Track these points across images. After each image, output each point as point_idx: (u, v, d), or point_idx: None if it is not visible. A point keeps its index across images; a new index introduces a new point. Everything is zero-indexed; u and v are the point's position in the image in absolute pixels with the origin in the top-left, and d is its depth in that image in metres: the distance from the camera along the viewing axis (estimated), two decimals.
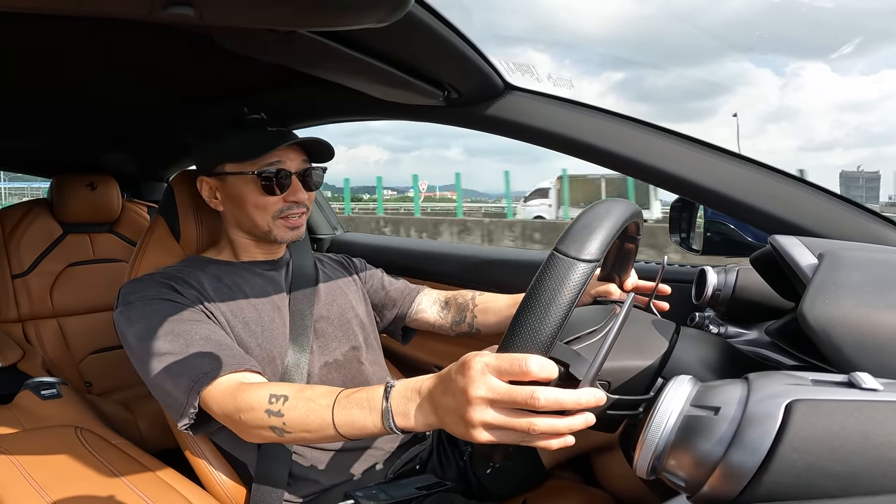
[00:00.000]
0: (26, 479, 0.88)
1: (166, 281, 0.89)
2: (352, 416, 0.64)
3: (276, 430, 0.69)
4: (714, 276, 0.82)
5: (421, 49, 0.79)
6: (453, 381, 0.54)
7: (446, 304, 1.14)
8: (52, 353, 1.73)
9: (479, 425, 0.52)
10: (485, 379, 0.51)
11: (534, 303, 0.51)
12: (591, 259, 0.52)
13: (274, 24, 0.63)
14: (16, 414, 1.17)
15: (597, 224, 0.55)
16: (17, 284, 1.73)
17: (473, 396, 0.52)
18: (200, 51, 1.01)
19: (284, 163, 0.94)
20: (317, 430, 0.67)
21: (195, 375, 0.76)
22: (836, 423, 0.38)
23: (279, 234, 0.97)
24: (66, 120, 1.53)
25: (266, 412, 0.69)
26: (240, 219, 0.98)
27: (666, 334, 0.64)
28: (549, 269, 0.52)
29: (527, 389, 0.50)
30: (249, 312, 0.93)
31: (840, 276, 0.54)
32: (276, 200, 0.94)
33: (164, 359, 0.79)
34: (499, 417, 0.51)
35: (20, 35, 0.89)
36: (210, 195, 0.99)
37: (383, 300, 1.15)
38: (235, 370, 0.77)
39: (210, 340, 0.81)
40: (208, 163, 0.98)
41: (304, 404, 0.68)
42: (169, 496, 0.87)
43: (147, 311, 0.84)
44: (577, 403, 0.50)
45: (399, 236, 10.09)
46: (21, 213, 1.79)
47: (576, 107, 0.88)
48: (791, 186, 0.77)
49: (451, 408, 0.54)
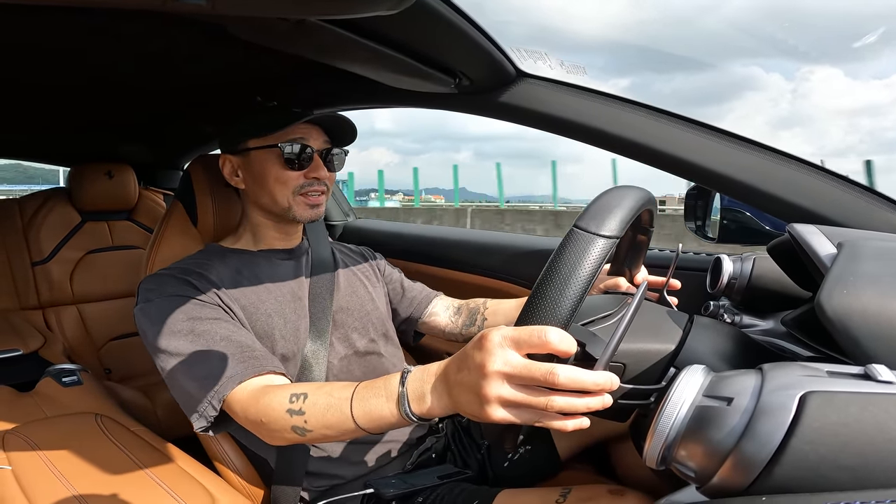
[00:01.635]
0: (48, 467, 0.91)
1: (185, 277, 0.88)
2: (369, 405, 0.63)
3: (298, 430, 0.69)
4: (730, 264, 0.81)
5: (432, 36, 0.78)
6: (469, 357, 0.52)
7: (458, 310, 1.15)
8: (73, 340, 1.77)
9: (494, 401, 0.50)
10: (503, 352, 0.50)
11: (553, 276, 0.50)
12: (611, 235, 0.52)
13: (285, 12, 0.63)
14: (37, 401, 1.19)
15: (616, 203, 0.55)
16: (37, 272, 1.76)
17: (490, 370, 0.50)
18: (214, 41, 1.01)
19: (307, 139, 0.95)
20: (337, 424, 0.66)
21: (219, 380, 0.76)
22: (850, 415, 0.37)
23: (298, 212, 0.96)
24: (84, 110, 1.55)
25: (287, 412, 0.69)
26: (260, 196, 0.97)
27: (679, 323, 0.63)
28: (569, 244, 0.51)
29: (546, 365, 0.48)
30: (270, 304, 0.93)
31: (859, 266, 0.53)
32: (297, 176, 0.95)
33: (185, 360, 0.79)
34: (516, 394, 0.50)
35: (39, 27, 0.90)
36: (231, 173, 1.00)
37: (400, 298, 1.16)
38: (258, 373, 0.77)
39: (231, 341, 0.81)
40: (233, 140, 0.99)
41: (324, 398, 0.67)
42: (186, 484, 0.88)
43: (167, 309, 0.83)
44: (596, 384, 0.48)
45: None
46: (40, 202, 1.82)
47: (589, 94, 0.86)
48: (810, 174, 0.76)
49: (467, 384, 0.52)
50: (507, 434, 0.56)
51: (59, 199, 1.84)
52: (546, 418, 0.50)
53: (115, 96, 1.42)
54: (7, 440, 0.99)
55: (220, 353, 0.79)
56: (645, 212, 0.67)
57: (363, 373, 1.00)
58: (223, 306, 0.88)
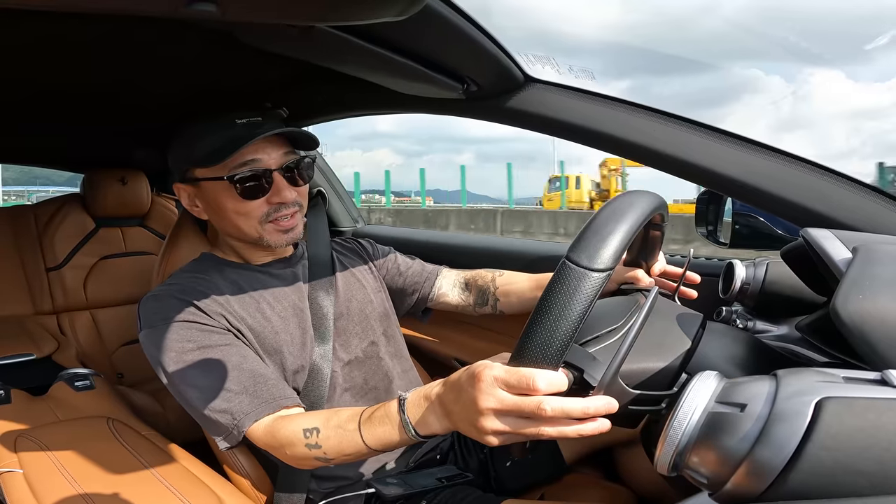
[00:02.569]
0: (59, 470, 0.91)
1: (186, 298, 0.84)
2: (378, 433, 0.67)
3: (321, 459, 0.73)
4: (742, 269, 0.80)
5: (439, 42, 0.78)
6: (464, 391, 0.56)
7: (466, 285, 1.13)
8: (86, 345, 1.79)
9: (489, 433, 0.54)
10: (494, 391, 0.53)
11: (544, 314, 0.51)
12: (604, 268, 0.51)
13: (294, 19, 0.64)
14: (50, 405, 1.20)
15: (610, 228, 0.52)
16: (51, 277, 1.78)
17: (483, 407, 0.54)
18: (224, 47, 1.02)
19: (261, 160, 0.85)
20: (354, 452, 0.70)
21: (235, 416, 0.78)
22: (867, 421, 0.37)
23: (272, 240, 0.88)
24: (98, 116, 1.57)
25: (306, 446, 0.72)
26: (225, 227, 0.90)
27: (691, 329, 0.62)
28: (560, 280, 0.51)
29: (534, 400, 0.51)
30: (275, 321, 0.91)
31: (875, 270, 0.52)
32: (258, 204, 0.85)
33: (200, 392, 0.80)
34: (507, 426, 0.53)
35: (52, 32, 0.91)
36: (190, 203, 0.91)
37: (402, 285, 1.13)
38: (273, 410, 0.79)
39: (243, 370, 0.81)
40: (179, 168, 0.91)
41: (335, 433, 0.71)
42: (196, 489, 0.89)
43: (173, 337, 0.81)
44: (585, 412, 0.51)
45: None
46: (55, 208, 1.84)
47: (598, 98, 0.86)
48: (824, 177, 0.75)
49: (463, 416, 0.57)
50: (512, 446, 0.58)
51: (74, 205, 1.87)
52: (542, 435, 0.53)
53: (127, 102, 1.44)
54: (19, 443, 1.00)
55: (233, 387, 0.80)
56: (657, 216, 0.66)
57: (364, 378, 1.00)
58: (232, 329, 0.86)
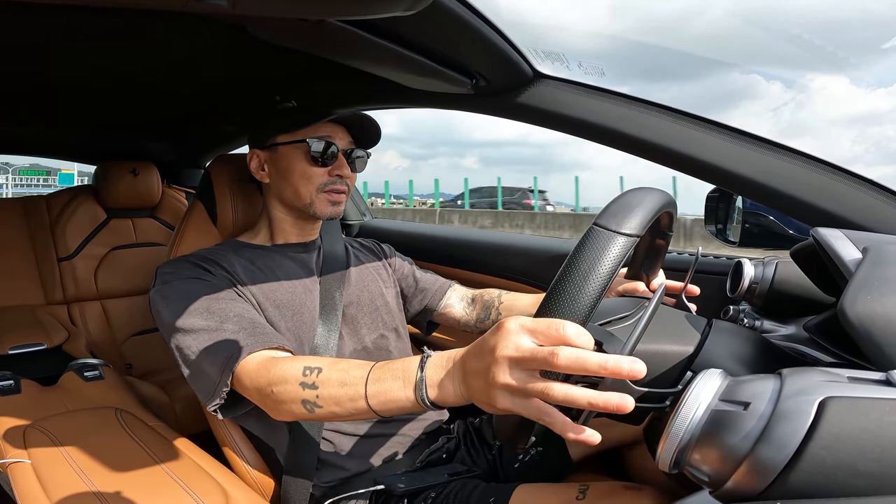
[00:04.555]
0: (66, 460, 0.93)
1: (201, 263, 0.92)
2: (385, 387, 0.62)
3: (308, 405, 0.67)
4: (751, 268, 0.80)
5: (449, 37, 0.78)
6: (485, 342, 0.52)
7: (472, 301, 1.15)
8: (96, 335, 1.81)
9: (501, 387, 0.50)
10: (515, 338, 0.49)
11: (572, 272, 0.49)
12: (631, 233, 0.51)
13: (304, 13, 0.64)
14: (60, 395, 1.22)
15: (637, 202, 0.54)
16: (63, 267, 1.80)
17: (500, 355, 0.49)
18: (234, 41, 1.03)
19: (333, 138, 0.98)
20: (348, 403, 0.65)
21: (229, 351, 0.77)
22: (871, 421, 0.36)
23: (320, 208, 0.99)
24: (111, 109, 1.59)
25: (300, 385, 0.68)
26: (283, 190, 1.00)
27: (697, 327, 0.62)
28: (588, 241, 0.51)
29: (549, 348, 0.46)
30: (281, 294, 0.95)
31: (884, 271, 0.52)
32: (321, 172, 0.97)
33: (198, 335, 0.81)
34: (517, 381, 0.48)
35: (64, 27, 0.92)
36: (258, 167, 1.02)
37: (413, 290, 1.16)
38: (269, 346, 0.78)
39: (244, 318, 0.83)
40: (262, 135, 1.02)
41: (338, 374, 0.66)
42: (200, 479, 0.90)
43: (183, 290, 0.87)
44: (601, 366, 0.45)
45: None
46: (67, 199, 1.86)
47: (607, 95, 0.86)
48: (835, 177, 0.74)
49: (479, 370, 0.52)
50: (518, 434, 0.55)
51: (86, 196, 1.89)
52: (548, 416, 0.49)
53: (139, 96, 1.45)
54: (28, 434, 1.01)
55: (232, 327, 0.81)
56: (664, 214, 0.66)
57: None
58: (238, 291, 0.91)
